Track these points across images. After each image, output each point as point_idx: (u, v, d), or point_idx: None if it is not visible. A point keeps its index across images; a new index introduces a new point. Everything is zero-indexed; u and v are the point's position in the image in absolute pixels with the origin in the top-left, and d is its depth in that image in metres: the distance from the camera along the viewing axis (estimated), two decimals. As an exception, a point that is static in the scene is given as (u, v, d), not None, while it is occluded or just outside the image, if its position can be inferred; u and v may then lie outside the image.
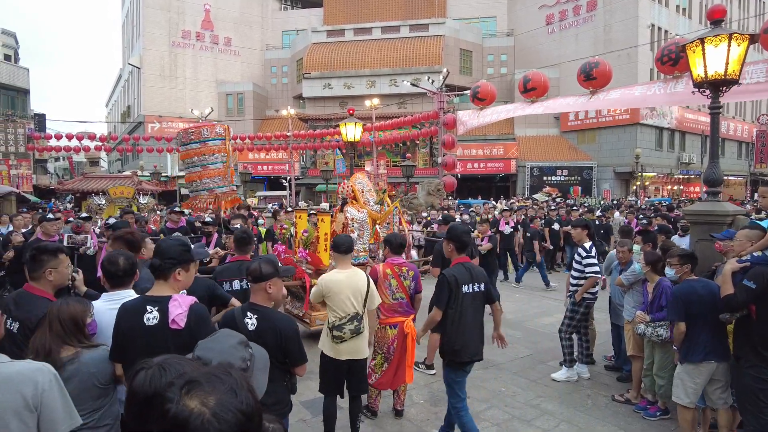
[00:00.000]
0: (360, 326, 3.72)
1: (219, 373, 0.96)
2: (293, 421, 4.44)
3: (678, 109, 32.55)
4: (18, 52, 32.69)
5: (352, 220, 6.29)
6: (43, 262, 2.83)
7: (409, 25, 37.76)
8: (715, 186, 5.37)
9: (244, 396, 0.93)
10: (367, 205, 6.53)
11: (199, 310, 2.45)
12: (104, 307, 2.69)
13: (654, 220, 9.67)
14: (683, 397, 3.83)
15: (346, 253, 3.86)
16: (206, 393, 0.90)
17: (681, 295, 3.81)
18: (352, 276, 3.79)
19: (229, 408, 0.89)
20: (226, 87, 39.91)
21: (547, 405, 4.76)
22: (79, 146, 21.76)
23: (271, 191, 31.83)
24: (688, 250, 4.40)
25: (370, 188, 6.82)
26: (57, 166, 52.61)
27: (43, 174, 34.30)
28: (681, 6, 33.52)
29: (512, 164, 32.57)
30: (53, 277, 2.84)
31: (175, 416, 0.88)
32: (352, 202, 6.52)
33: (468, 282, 3.66)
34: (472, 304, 3.70)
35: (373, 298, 3.88)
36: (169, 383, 0.95)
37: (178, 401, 0.89)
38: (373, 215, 6.54)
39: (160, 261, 2.45)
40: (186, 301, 2.43)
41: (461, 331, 3.66)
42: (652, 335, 4.35)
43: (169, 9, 38.02)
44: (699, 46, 5.05)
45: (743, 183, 38.12)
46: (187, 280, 2.55)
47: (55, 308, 2.35)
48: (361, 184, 6.73)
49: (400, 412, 4.52)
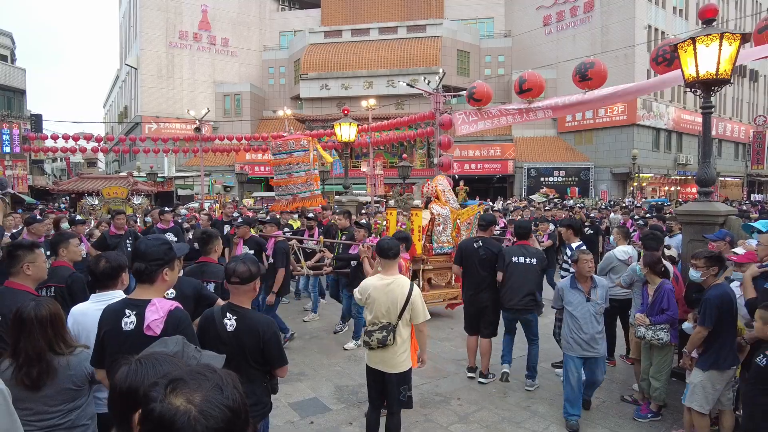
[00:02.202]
0: (388, 338, 3.45)
1: (203, 370, 0.96)
2: (281, 422, 4.40)
3: (675, 110, 32.59)
4: (14, 52, 32.57)
5: (438, 215, 7.39)
6: (19, 258, 2.87)
7: (406, 26, 37.75)
8: (707, 186, 5.34)
9: (230, 392, 0.92)
10: (448, 203, 7.59)
11: (180, 315, 2.31)
12: (92, 308, 2.67)
13: (649, 221, 9.65)
14: (705, 405, 3.71)
15: (394, 258, 3.62)
16: (191, 390, 0.90)
17: (717, 300, 3.64)
18: (390, 284, 3.54)
19: (215, 404, 0.89)
20: (223, 88, 39.84)
21: (538, 407, 4.73)
22: (75, 147, 21.64)
23: (268, 192, 31.78)
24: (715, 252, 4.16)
25: (449, 188, 7.96)
26: (54, 166, 52.48)
27: (39, 175, 34.16)
28: (678, 7, 33.56)
29: (510, 165, 32.56)
30: (31, 271, 2.89)
31: (161, 415, 0.87)
32: (436, 200, 7.59)
33: (520, 255, 5.23)
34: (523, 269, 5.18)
35: (416, 312, 3.52)
36: (153, 383, 0.94)
37: (162, 400, 0.88)
38: (453, 211, 7.62)
39: (144, 264, 2.35)
40: (165, 306, 2.30)
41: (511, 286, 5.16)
42: (652, 338, 4.30)
43: (167, 10, 37.93)
44: (690, 45, 5.03)
45: (740, 184, 38.18)
46: (173, 278, 2.49)
47: (32, 311, 2.26)
48: (443, 185, 7.79)
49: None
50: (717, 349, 3.66)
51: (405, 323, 3.54)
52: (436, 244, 7.56)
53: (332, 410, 4.65)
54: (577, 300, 4.39)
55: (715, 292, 3.70)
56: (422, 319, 3.54)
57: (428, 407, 4.70)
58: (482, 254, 5.36)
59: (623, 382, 5.37)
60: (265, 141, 24.69)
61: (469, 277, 5.47)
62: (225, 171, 34.34)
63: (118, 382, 1.06)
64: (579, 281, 4.45)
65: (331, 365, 5.84)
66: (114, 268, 2.78)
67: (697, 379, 3.75)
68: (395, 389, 3.54)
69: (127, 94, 42.97)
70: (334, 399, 4.89)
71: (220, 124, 37.13)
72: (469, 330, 5.55)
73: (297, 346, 6.60)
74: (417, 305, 3.52)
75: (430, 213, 7.39)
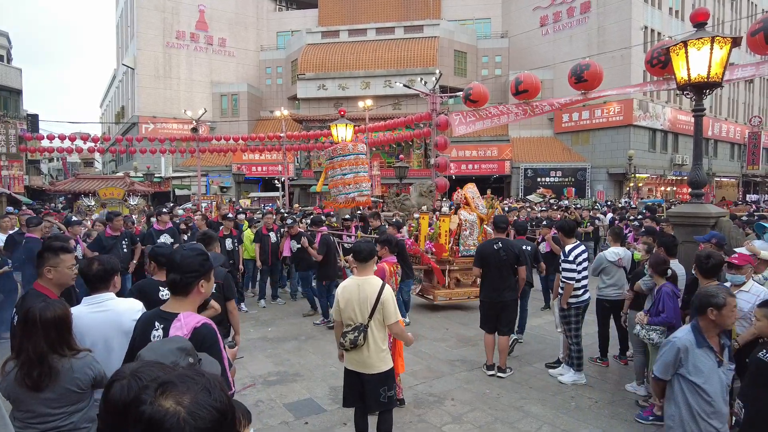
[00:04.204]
0: (359, 338, 3.46)
1: (192, 374, 0.98)
2: (276, 423, 4.43)
3: (671, 111, 32.72)
4: (11, 52, 32.47)
5: (465, 221, 8.18)
6: (44, 260, 2.85)
7: (403, 27, 37.78)
8: (699, 188, 5.38)
9: (218, 394, 0.95)
10: (477, 209, 8.34)
11: (205, 332, 2.16)
12: (84, 311, 2.69)
13: (644, 222, 9.67)
14: None
15: (365, 261, 3.64)
16: (180, 393, 0.92)
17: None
18: (362, 284, 3.56)
19: (204, 406, 0.91)
20: (220, 88, 39.79)
21: (531, 407, 4.76)
22: (72, 147, 21.62)
23: (265, 192, 31.76)
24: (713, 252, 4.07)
25: (479, 196, 8.66)
26: (51, 166, 52.31)
27: (36, 175, 34.08)
28: (674, 8, 33.69)
29: (506, 165, 32.63)
30: (52, 275, 2.84)
31: (151, 417, 0.89)
32: (465, 207, 8.34)
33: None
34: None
35: (387, 312, 3.48)
36: (143, 386, 0.97)
37: (152, 402, 0.91)
38: (481, 217, 8.36)
39: (179, 276, 2.19)
40: (191, 322, 2.17)
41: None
42: (644, 337, 4.35)
43: (164, 9, 37.87)
44: (682, 48, 5.08)
45: (735, 184, 38.36)
46: (209, 290, 2.35)
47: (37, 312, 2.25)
48: (472, 192, 8.49)
49: (402, 401, 4.62)
50: None
51: (378, 324, 3.53)
52: (463, 247, 8.30)
53: (327, 411, 4.68)
54: (709, 366, 2.90)
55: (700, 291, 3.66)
56: (393, 320, 3.51)
57: (422, 407, 4.73)
58: (503, 255, 5.49)
59: (617, 383, 5.40)
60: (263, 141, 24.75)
61: (490, 278, 5.58)
62: (222, 171, 34.32)
63: (113, 399, 1.06)
64: (709, 337, 2.94)
65: (326, 366, 5.87)
66: (107, 270, 2.80)
67: None
68: (373, 390, 3.54)
69: (124, 94, 42.88)
70: (328, 400, 4.92)
71: (217, 125, 37.09)
72: (486, 329, 5.65)
73: (292, 348, 6.63)
74: (388, 305, 3.48)
75: (459, 219, 8.19)
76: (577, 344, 5.36)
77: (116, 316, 2.74)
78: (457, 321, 7.91)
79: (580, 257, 5.31)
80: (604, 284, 5.75)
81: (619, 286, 5.68)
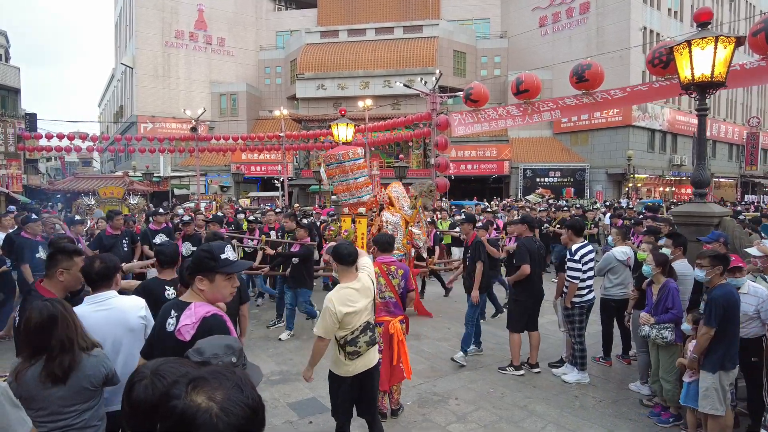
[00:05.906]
0: (375, 335, 3.39)
1: (223, 370, 0.98)
2: (280, 422, 4.42)
3: (669, 111, 32.79)
4: (9, 51, 32.36)
5: (387, 223, 7.59)
6: (56, 261, 2.83)
7: (403, 27, 37.79)
8: (702, 187, 5.38)
9: (249, 391, 0.95)
10: (401, 210, 7.80)
11: (213, 323, 2.18)
12: (88, 310, 2.67)
13: (644, 222, 9.68)
14: (719, 408, 3.63)
15: (351, 265, 3.42)
16: (213, 388, 0.92)
17: (721, 300, 3.58)
18: (363, 281, 3.42)
19: (236, 402, 0.91)
20: (219, 87, 39.74)
21: (535, 406, 4.76)
22: (70, 146, 21.56)
23: (264, 192, 31.72)
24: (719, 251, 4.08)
25: (405, 195, 8.09)
26: (49, 166, 52.17)
27: (34, 174, 33.95)
28: (672, 9, 33.77)
29: (505, 165, 32.66)
30: (64, 278, 2.84)
31: (183, 412, 0.88)
32: (389, 207, 7.78)
33: None
34: None
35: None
36: (173, 381, 0.96)
37: (184, 397, 0.90)
38: (405, 218, 7.81)
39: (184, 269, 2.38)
40: (201, 311, 2.20)
41: None
42: (656, 337, 4.31)
43: (163, 9, 37.81)
44: (686, 48, 5.08)
45: (734, 185, 38.44)
46: (213, 292, 2.30)
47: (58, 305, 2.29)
48: (397, 192, 8.00)
49: (395, 412, 4.52)
50: (724, 350, 3.62)
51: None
52: None
53: (330, 410, 4.66)
54: None
55: (720, 291, 3.65)
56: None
57: (426, 407, 4.72)
58: (541, 252, 5.98)
59: (620, 382, 5.40)
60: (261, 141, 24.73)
61: (533, 276, 5.68)
62: (221, 171, 34.28)
63: (137, 400, 1.04)
64: None
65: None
66: (109, 269, 2.79)
67: (708, 382, 3.66)
68: (374, 386, 3.55)
69: (123, 94, 42.80)
70: (332, 399, 4.90)
71: (216, 124, 37.04)
72: (519, 328, 5.67)
73: (294, 347, 6.61)
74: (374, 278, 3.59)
75: (380, 221, 7.69)
76: (581, 344, 5.36)
77: (121, 314, 2.74)
78: (458, 321, 7.89)
79: (586, 257, 5.29)
80: (611, 284, 5.75)
81: (625, 285, 5.69)
